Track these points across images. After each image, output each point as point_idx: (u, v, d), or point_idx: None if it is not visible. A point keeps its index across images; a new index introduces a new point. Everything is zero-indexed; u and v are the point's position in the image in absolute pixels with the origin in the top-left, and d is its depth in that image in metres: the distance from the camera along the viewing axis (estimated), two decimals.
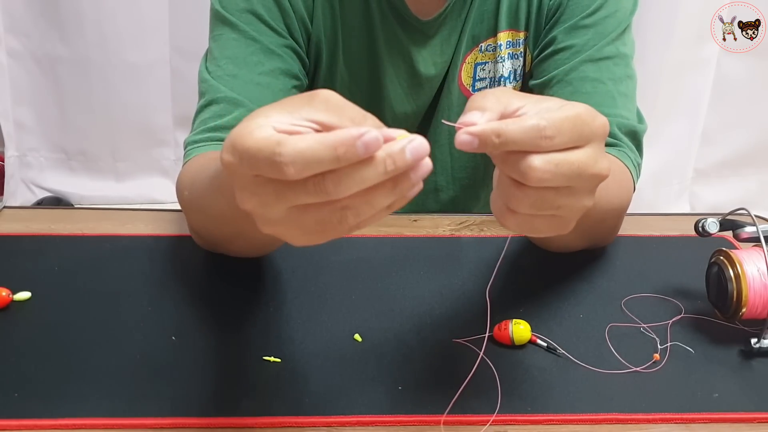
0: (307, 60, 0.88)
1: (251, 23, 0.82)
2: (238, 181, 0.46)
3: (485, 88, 0.92)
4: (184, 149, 0.81)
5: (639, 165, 0.84)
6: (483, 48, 0.90)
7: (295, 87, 0.85)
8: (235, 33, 0.83)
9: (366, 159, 0.42)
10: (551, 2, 0.87)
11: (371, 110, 0.49)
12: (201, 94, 0.83)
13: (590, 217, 0.72)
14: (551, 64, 0.86)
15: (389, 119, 0.93)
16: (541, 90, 0.87)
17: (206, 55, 0.86)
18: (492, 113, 0.48)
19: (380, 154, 0.42)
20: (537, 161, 0.47)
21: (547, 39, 0.87)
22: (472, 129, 0.47)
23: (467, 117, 0.48)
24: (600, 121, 0.49)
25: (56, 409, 0.58)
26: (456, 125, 0.47)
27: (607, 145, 0.79)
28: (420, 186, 0.45)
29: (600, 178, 0.50)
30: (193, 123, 0.83)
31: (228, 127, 0.79)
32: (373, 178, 0.43)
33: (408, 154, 0.43)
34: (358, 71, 0.90)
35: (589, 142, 0.48)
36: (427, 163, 0.44)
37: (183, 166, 0.79)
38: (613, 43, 0.84)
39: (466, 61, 0.90)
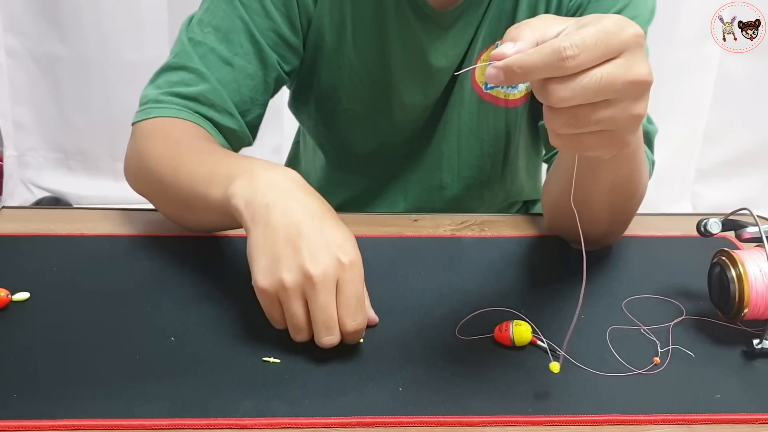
0: (300, 46, 0.89)
1: (248, 1, 0.84)
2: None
3: (498, 87, 0.92)
4: (142, 102, 0.85)
5: (653, 162, 0.84)
6: (498, 46, 0.90)
7: (264, 75, 0.86)
8: (228, 6, 0.84)
9: None
10: (571, 3, 0.86)
11: (379, 97, 0.50)
12: (174, 53, 0.86)
13: (629, 182, 0.72)
14: None
15: (397, 108, 0.93)
16: None
17: (194, 14, 0.87)
18: (525, 42, 0.49)
19: None
20: (557, 84, 0.48)
21: None
22: (497, 63, 0.49)
23: (499, 49, 0.49)
24: (631, 31, 0.49)
25: (55, 410, 0.58)
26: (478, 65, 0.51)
27: None
28: None
29: (640, 84, 0.50)
30: (157, 76, 0.86)
31: (192, 98, 0.82)
32: None
33: None
34: (367, 57, 0.90)
35: (620, 53, 0.49)
36: None
37: (140, 122, 0.83)
38: None
39: (482, 58, 0.89)
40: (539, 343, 0.67)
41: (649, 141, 0.84)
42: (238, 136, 0.86)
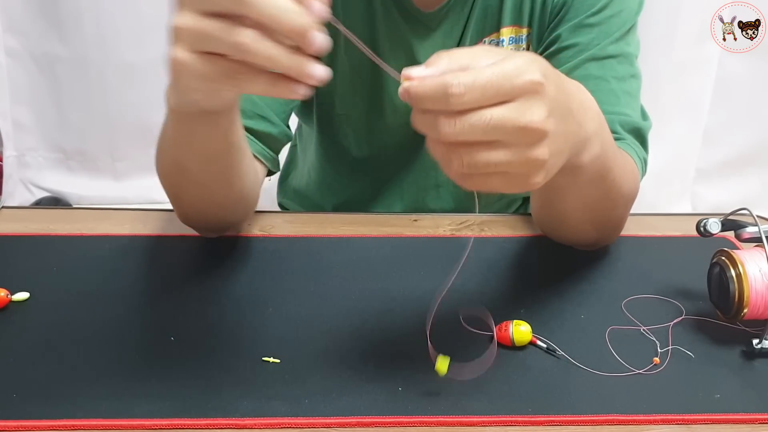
0: None
1: None
2: None
3: None
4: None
5: (644, 159, 0.84)
6: (486, 43, 0.90)
7: None
8: None
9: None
10: (555, 0, 0.86)
11: (372, 102, 0.49)
12: None
13: (605, 199, 0.72)
14: (555, 62, 0.85)
15: (389, 111, 0.93)
16: None
17: None
18: (432, 70, 0.49)
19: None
20: (443, 117, 0.48)
21: (551, 37, 0.86)
22: (403, 84, 0.49)
23: (406, 71, 0.50)
24: (527, 78, 0.49)
25: (55, 410, 0.58)
26: (397, 77, 0.51)
27: None
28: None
29: (532, 131, 0.49)
30: None
31: None
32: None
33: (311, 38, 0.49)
34: (359, 62, 0.90)
35: (513, 98, 0.48)
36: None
37: None
38: (617, 42, 0.84)
39: None
40: (539, 343, 0.67)
41: (641, 138, 0.84)
42: (276, 137, 0.84)
